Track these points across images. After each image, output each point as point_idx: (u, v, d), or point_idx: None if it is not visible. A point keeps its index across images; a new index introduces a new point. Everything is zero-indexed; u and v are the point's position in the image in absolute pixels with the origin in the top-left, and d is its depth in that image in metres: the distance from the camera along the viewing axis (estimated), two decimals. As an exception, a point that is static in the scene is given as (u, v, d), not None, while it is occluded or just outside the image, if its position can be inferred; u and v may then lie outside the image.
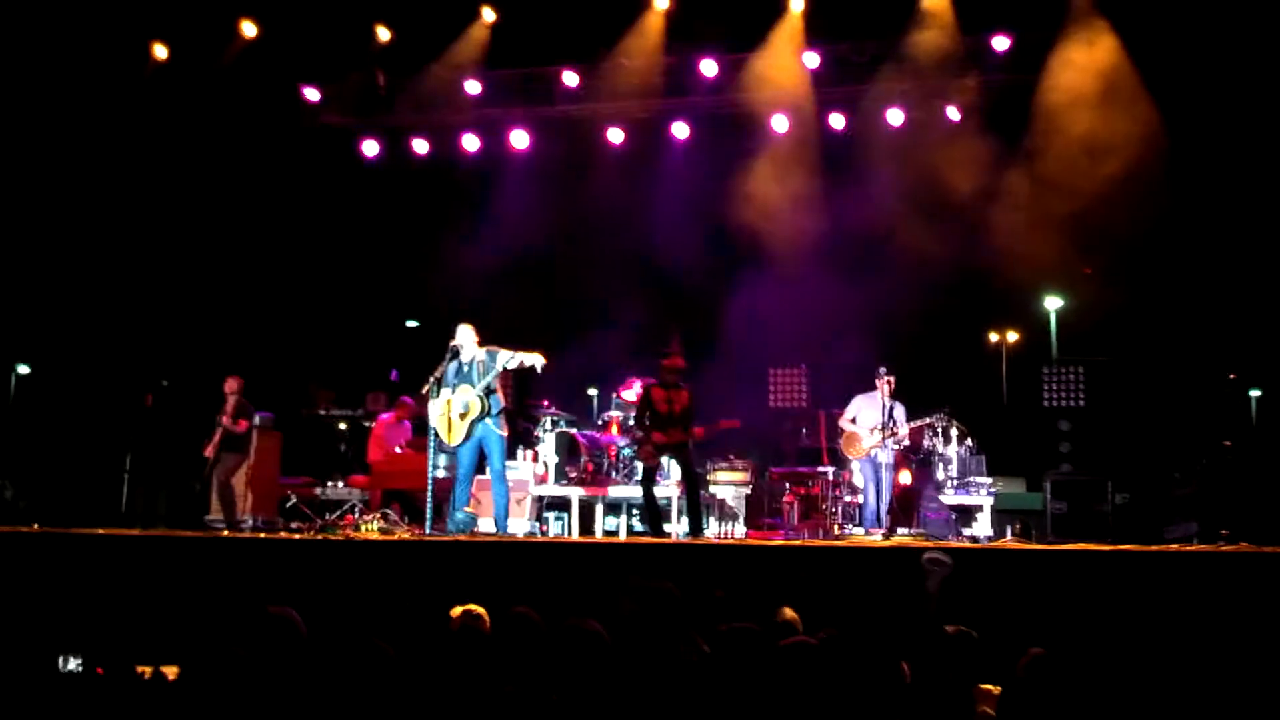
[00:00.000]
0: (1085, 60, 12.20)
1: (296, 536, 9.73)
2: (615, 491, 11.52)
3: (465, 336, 9.71)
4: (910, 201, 12.98)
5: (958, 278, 12.72)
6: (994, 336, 13.34)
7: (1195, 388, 11.39)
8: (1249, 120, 11.40)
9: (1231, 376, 10.50)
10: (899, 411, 10.78)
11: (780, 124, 13.79)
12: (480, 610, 5.60)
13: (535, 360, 9.46)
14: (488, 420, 9.55)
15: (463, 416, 9.58)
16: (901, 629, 5.23)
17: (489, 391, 9.54)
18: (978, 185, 12.67)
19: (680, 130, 14.18)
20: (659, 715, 4.18)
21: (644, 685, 4.51)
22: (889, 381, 10.80)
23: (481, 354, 9.63)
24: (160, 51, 13.27)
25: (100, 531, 8.94)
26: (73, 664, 5.04)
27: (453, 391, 9.62)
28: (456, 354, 9.71)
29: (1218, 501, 9.68)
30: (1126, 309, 12.10)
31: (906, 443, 10.82)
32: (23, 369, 13.18)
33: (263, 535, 9.76)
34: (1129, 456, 11.51)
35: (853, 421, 10.95)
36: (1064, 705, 3.98)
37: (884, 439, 10.63)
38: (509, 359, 9.49)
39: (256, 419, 11.27)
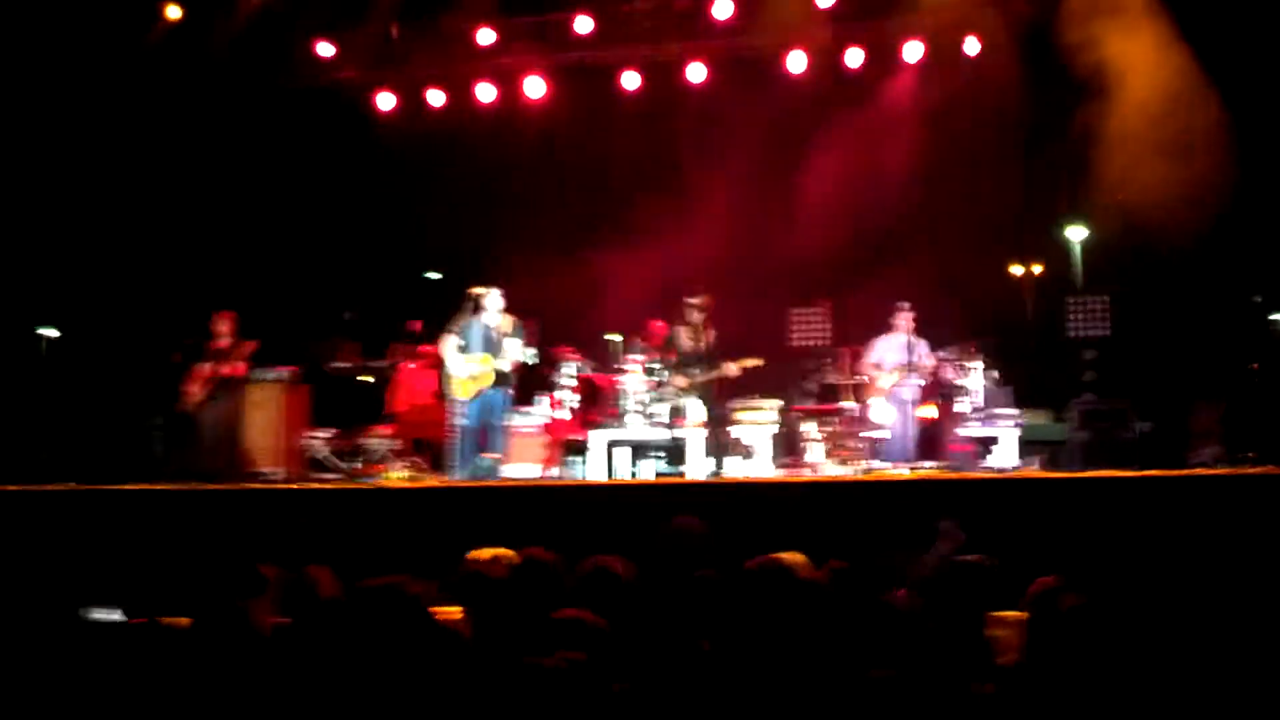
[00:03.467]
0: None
1: (327, 486, 9.88)
2: (638, 434, 11.57)
3: (494, 303, 9.94)
4: (930, 136, 12.88)
5: (981, 210, 12.64)
6: (1018, 268, 13.24)
7: (1219, 312, 11.28)
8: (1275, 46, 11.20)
9: (1256, 300, 10.39)
10: (922, 347, 10.74)
11: (797, 63, 13.66)
12: (508, 553, 5.65)
13: (530, 357, 10.13)
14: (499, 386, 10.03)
15: (474, 379, 9.82)
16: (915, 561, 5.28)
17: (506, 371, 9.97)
18: (998, 118, 12.56)
19: (696, 73, 14.07)
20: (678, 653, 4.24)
21: (665, 622, 4.56)
22: (910, 317, 10.76)
23: (508, 325, 9.88)
24: (173, 11, 13.28)
25: (133, 487, 9.10)
26: (113, 616, 5.17)
27: (477, 352, 9.80)
28: (479, 311, 9.91)
29: (1243, 425, 9.63)
30: (1151, 238, 11.97)
31: (930, 377, 10.78)
32: (51, 332, 13.32)
33: (294, 486, 9.90)
34: (1154, 383, 11.45)
35: (876, 366, 10.92)
36: (1086, 631, 3.98)
37: (905, 374, 10.60)
38: (513, 357, 9.97)
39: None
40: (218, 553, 7.36)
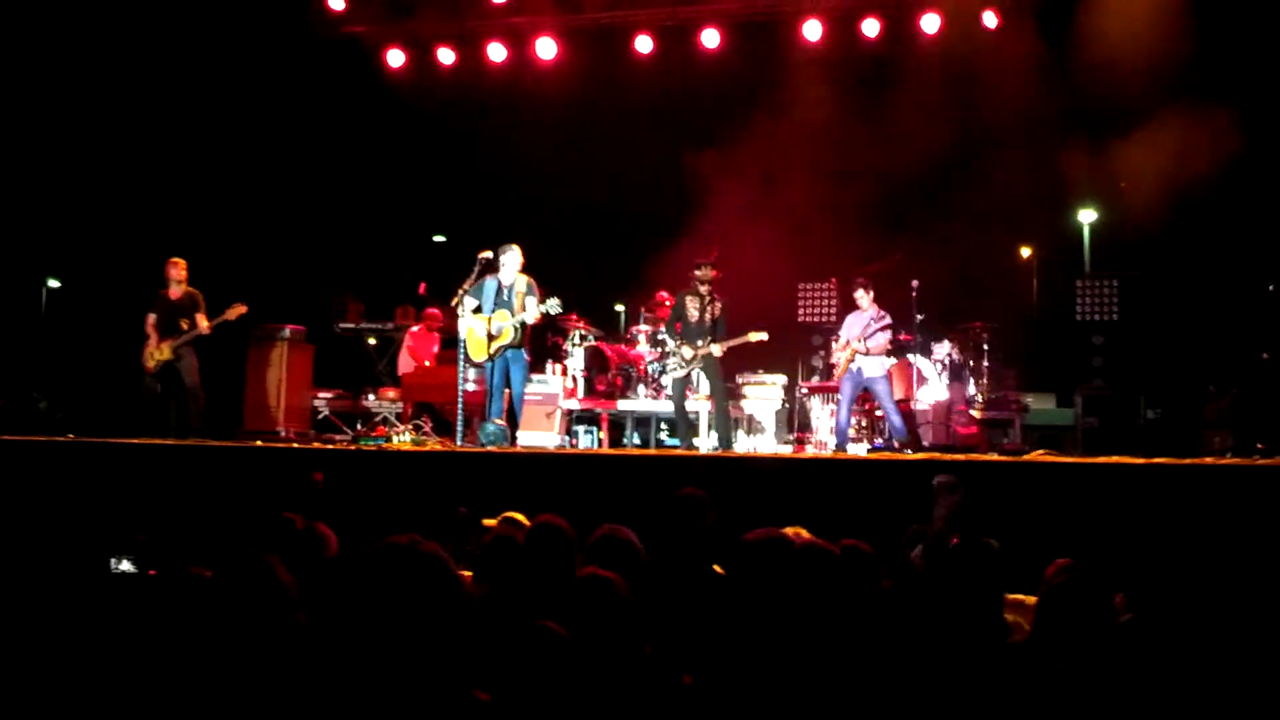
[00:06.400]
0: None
1: (329, 446, 9.81)
2: (644, 405, 11.52)
3: (512, 260, 9.71)
4: (945, 111, 12.77)
5: (991, 190, 12.55)
6: (1026, 250, 13.14)
7: (1232, 300, 11.19)
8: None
9: (1270, 289, 10.30)
10: (872, 323, 10.31)
11: (813, 31, 13.51)
12: (520, 517, 5.61)
13: (553, 307, 9.68)
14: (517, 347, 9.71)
15: (493, 339, 9.63)
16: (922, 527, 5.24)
17: (523, 325, 9.62)
18: (1013, 94, 12.45)
19: (710, 38, 13.92)
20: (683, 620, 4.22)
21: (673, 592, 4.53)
22: (865, 293, 10.41)
23: (522, 284, 9.65)
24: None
25: (135, 441, 9.04)
26: (124, 566, 5.12)
27: (490, 312, 9.65)
28: (494, 270, 9.72)
29: (1254, 415, 9.55)
30: (1162, 221, 11.87)
31: (878, 352, 10.41)
32: (53, 283, 13.25)
33: (296, 445, 9.83)
34: (1163, 370, 11.37)
35: (837, 341, 10.64)
36: (1095, 616, 3.95)
37: (854, 352, 10.24)
38: (536, 312, 9.62)
39: None
40: (215, 509, 7.32)
